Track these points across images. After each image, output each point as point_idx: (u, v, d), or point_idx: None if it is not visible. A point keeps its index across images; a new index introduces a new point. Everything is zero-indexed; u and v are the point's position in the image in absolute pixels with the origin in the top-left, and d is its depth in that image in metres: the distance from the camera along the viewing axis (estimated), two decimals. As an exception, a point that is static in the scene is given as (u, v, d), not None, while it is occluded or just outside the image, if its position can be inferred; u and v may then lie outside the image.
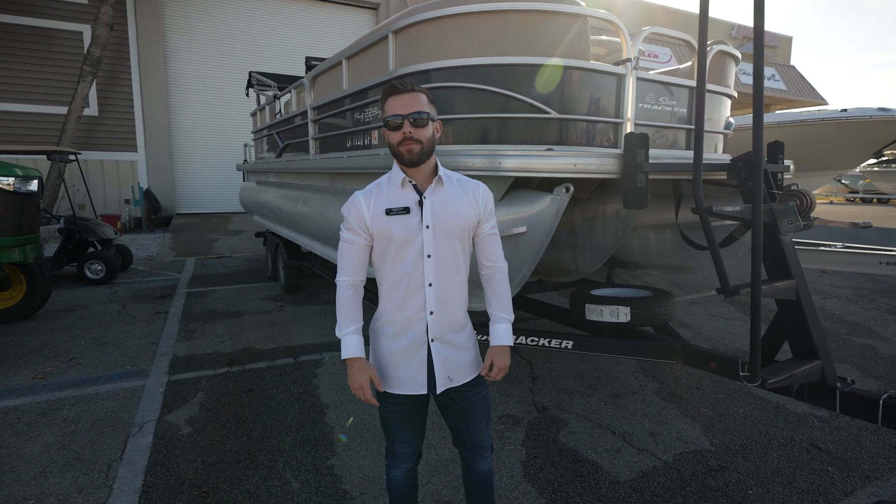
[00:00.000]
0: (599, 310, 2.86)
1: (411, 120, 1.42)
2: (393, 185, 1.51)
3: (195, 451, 2.67)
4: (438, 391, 1.59)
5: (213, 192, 13.41)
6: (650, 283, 6.58)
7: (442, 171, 1.53)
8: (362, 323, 1.58)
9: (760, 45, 1.80)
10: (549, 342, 2.96)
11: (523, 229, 2.24)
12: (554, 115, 2.38)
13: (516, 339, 3.08)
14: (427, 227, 1.48)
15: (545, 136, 2.49)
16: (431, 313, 1.53)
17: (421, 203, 1.49)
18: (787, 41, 22.48)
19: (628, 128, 2.55)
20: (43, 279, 4.79)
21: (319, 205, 4.19)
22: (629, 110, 2.53)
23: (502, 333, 1.63)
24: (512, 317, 1.67)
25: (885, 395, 1.95)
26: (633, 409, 3.19)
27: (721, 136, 3.33)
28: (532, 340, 3.01)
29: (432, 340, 1.55)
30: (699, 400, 3.32)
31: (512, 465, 2.58)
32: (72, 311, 5.26)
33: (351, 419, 1.49)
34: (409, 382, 1.56)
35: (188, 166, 13.14)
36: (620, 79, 2.51)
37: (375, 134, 3.04)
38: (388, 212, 1.48)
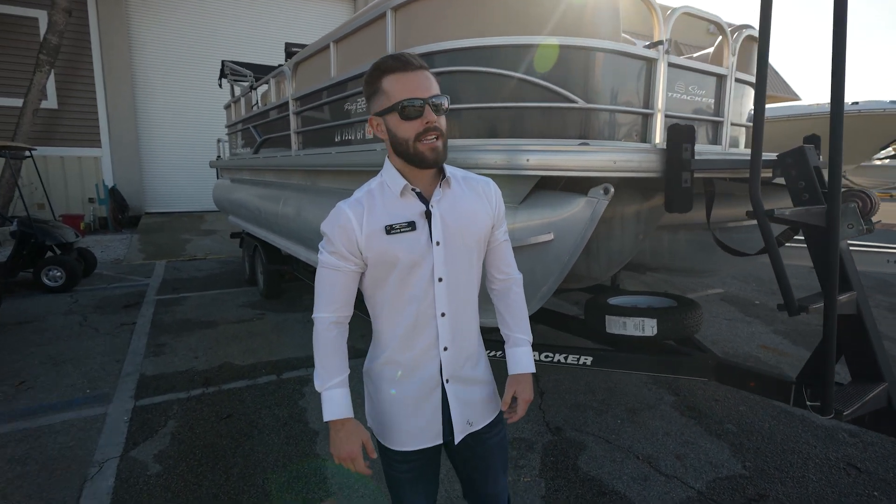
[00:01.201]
0: (622, 322, 2.58)
1: (434, 106, 1.09)
2: (389, 194, 1.18)
3: (165, 495, 2.29)
4: (457, 440, 1.29)
5: (185, 189, 12.74)
6: (659, 292, 6.38)
7: (448, 169, 1.21)
8: (349, 371, 1.24)
9: (843, 24, 1.53)
10: (566, 358, 2.67)
11: (550, 237, 1.93)
12: (581, 104, 2.08)
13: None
14: (437, 243, 1.18)
15: (568, 129, 2.19)
16: (445, 349, 1.23)
17: (428, 214, 1.17)
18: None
19: (659, 119, 2.26)
20: (-10, 290, 4.29)
21: (302, 205, 3.81)
22: (660, 100, 2.25)
23: (523, 358, 1.36)
24: (531, 337, 1.40)
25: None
26: (654, 427, 2.94)
27: (743, 130, 3.08)
28: (546, 356, 2.72)
29: (447, 381, 1.26)
30: (721, 414, 3.09)
31: (532, 500, 2.28)
32: (26, 325, 4.76)
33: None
34: (423, 435, 1.27)
35: (157, 162, 12.44)
36: (651, 64, 2.22)
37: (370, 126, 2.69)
38: (389, 229, 1.15)
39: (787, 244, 2.54)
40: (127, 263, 7.97)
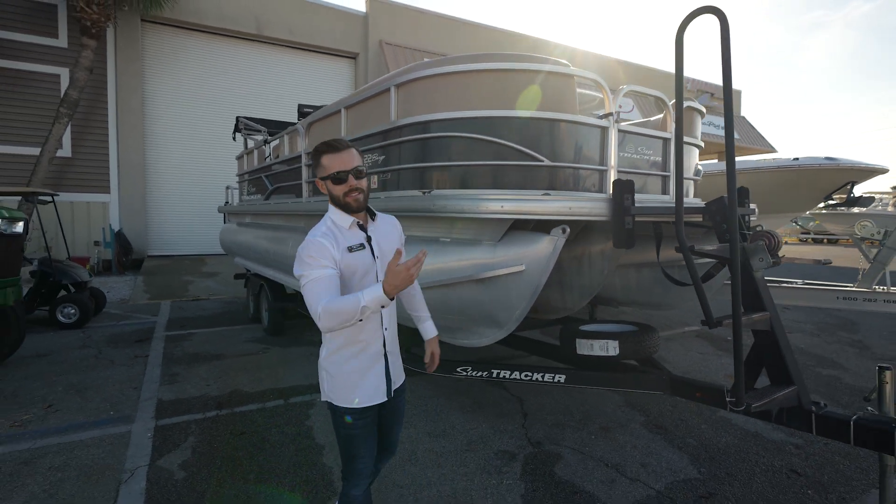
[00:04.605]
0: (589, 344, 3.00)
1: (354, 174, 1.69)
2: (340, 228, 1.73)
3: (192, 495, 2.62)
4: (392, 395, 1.83)
5: (187, 233, 13.22)
6: (627, 320, 6.80)
7: (373, 210, 1.86)
8: None
9: (729, 103, 2.07)
10: (543, 377, 3.08)
11: (522, 268, 2.39)
12: (546, 162, 2.60)
13: (510, 374, 3.18)
14: (377, 258, 1.76)
15: (537, 182, 2.70)
16: (386, 329, 1.80)
17: (369, 239, 1.76)
18: (737, 94, 24.27)
19: (612, 175, 2.79)
20: (17, 323, 4.64)
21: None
22: (612, 158, 2.78)
23: (431, 328, 2.05)
24: (429, 314, 2.05)
25: (854, 417, 2.13)
26: (623, 441, 3.30)
27: (692, 182, 3.63)
28: (526, 375, 3.12)
29: (388, 353, 1.81)
30: (684, 431, 3.46)
31: (513, 499, 2.63)
32: (44, 357, 5.07)
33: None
34: (376, 393, 1.77)
35: (162, 207, 12.98)
36: (604, 131, 2.77)
37: (376, 178, 3.21)
38: (351, 249, 1.70)
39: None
40: (133, 303, 8.30)
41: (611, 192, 2.77)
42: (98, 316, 7.11)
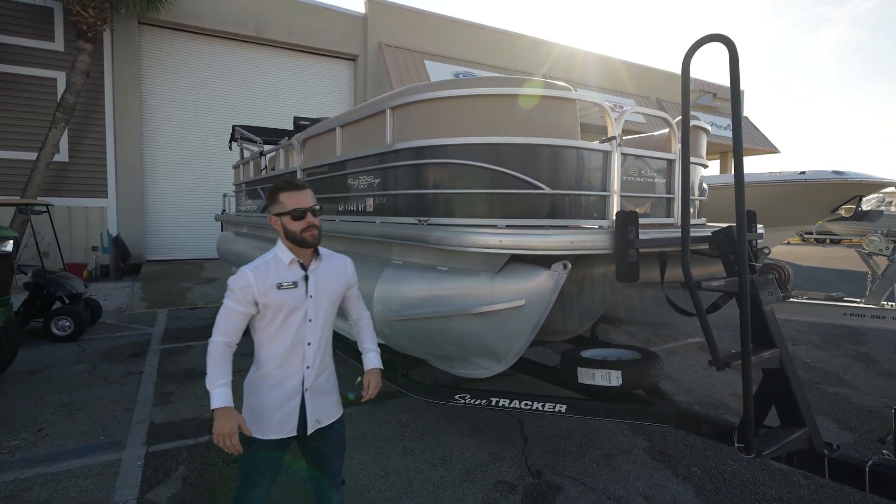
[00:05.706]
0: (591, 373, 2.91)
1: (312, 212, 1.77)
2: (280, 264, 1.78)
3: (180, 535, 2.53)
4: (308, 433, 1.82)
5: (186, 237, 13.13)
6: (627, 332, 6.70)
7: (321, 250, 1.88)
8: (231, 378, 1.73)
9: (738, 133, 1.97)
10: (543, 406, 2.98)
11: (521, 302, 2.30)
12: (547, 190, 2.50)
13: (510, 403, 3.09)
14: (311, 297, 1.80)
15: (538, 209, 2.61)
16: (308, 367, 1.81)
17: (306, 278, 1.80)
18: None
19: (615, 200, 2.69)
20: (9, 341, 4.55)
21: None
22: (615, 183, 2.68)
23: (374, 359, 2.02)
24: (377, 347, 2.06)
25: (870, 462, 2.04)
26: (626, 470, 3.21)
27: (698, 202, 3.53)
28: (526, 404, 3.03)
29: (306, 390, 1.81)
30: (688, 458, 3.37)
31: (512, 538, 2.54)
32: (37, 374, 4.99)
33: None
34: (283, 427, 1.78)
35: (160, 211, 12.90)
36: (607, 155, 2.67)
37: (371, 201, 3.11)
38: (280, 286, 1.74)
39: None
40: (130, 312, 8.22)
41: (614, 217, 2.68)
42: (94, 327, 7.02)
